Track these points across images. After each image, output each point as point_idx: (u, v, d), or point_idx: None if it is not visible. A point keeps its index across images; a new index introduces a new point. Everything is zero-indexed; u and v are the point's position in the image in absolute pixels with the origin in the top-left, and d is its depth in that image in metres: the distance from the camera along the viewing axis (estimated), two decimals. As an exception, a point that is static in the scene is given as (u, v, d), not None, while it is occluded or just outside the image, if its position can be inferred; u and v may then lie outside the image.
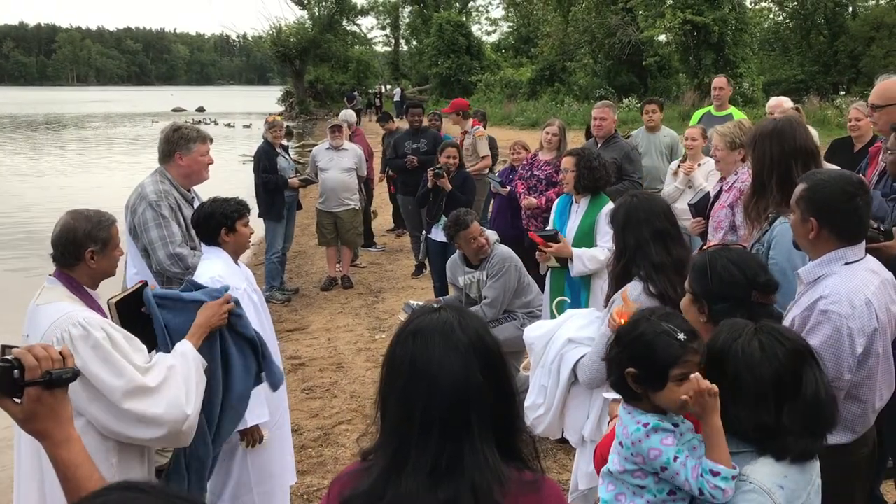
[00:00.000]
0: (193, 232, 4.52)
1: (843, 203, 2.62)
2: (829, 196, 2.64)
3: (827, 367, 2.53)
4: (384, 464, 1.59)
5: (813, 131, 5.18)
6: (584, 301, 5.16)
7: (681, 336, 2.09)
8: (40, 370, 1.72)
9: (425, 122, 10.15)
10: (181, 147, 4.52)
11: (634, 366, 2.12)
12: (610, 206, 3.66)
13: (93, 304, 3.05)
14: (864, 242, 2.72)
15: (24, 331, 3.00)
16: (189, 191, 4.63)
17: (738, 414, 1.93)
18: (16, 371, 1.70)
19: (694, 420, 2.13)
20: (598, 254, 5.09)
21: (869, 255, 2.75)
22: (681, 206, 6.41)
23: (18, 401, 1.73)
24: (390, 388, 1.64)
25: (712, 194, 5.28)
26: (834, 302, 2.56)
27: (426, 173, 7.87)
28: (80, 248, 3.01)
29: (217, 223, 3.84)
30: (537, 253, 5.36)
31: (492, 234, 5.75)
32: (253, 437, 3.75)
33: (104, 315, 3.05)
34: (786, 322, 2.71)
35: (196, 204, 4.64)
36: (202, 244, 3.98)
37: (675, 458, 2.07)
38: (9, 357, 1.72)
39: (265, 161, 8.72)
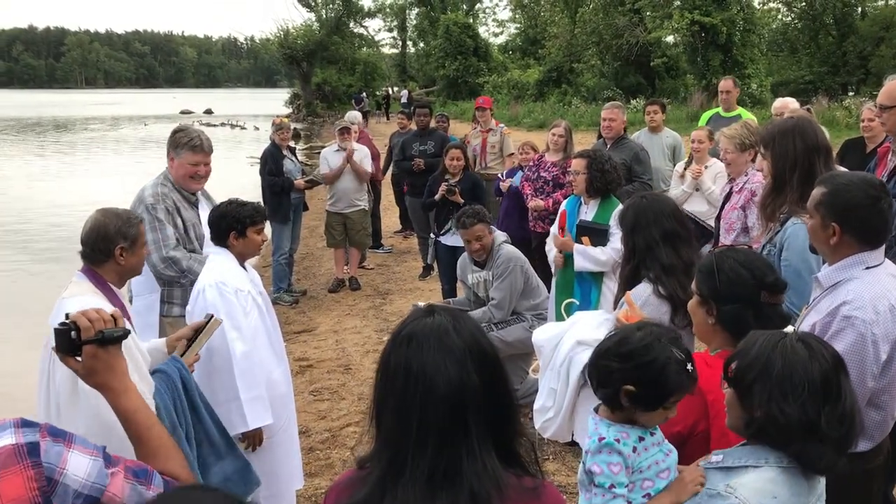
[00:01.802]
0: (193, 234, 4.51)
1: (867, 207, 2.55)
2: (851, 200, 2.57)
3: (851, 374, 2.49)
4: (380, 472, 1.56)
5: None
6: (594, 301, 5.13)
7: (689, 367, 2.08)
8: (93, 330, 1.92)
9: (432, 124, 10.12)
10: (172, 149, 4.50)
11: (637, 386, 2.08)
12: (620, 208, 3.64)
13: (116, 301, 3.06)
14: (883, 246, 2.65)
15: (51, 322, 3.00)
16: (194, 193, 4.61)
17: (786, 410, 1.86)
18: (73, 332, 1.92)
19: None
20: (598, 254, 5.07)
21: (888, 260, 2.68)
22: (689, 209, 6.38)
23: (79, 359, 1.94)
24: (385, 395, 1.61)
25: (721, 197, 5.24)
26: (858, 307, 2.51)
27: (431, 178, 7.87)
28: (110, 245, 3.06)
29: (227, 226, 3.82)
30: (554, 237, 5.35)
31: (500, 235, 5.73)
32: (255, 439, 3.73)
33: (127, 316, 3.07)
34: (803, 327, 2.66)
35: (201, 205, 4.62)
36: (212, 244, 3.96)
37: (611, 487, 2.05)
38: (66, 321, 1.94)
39: (271, 163, 8.73)
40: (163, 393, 3.02)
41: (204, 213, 4.56)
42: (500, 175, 8.15)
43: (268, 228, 8.27)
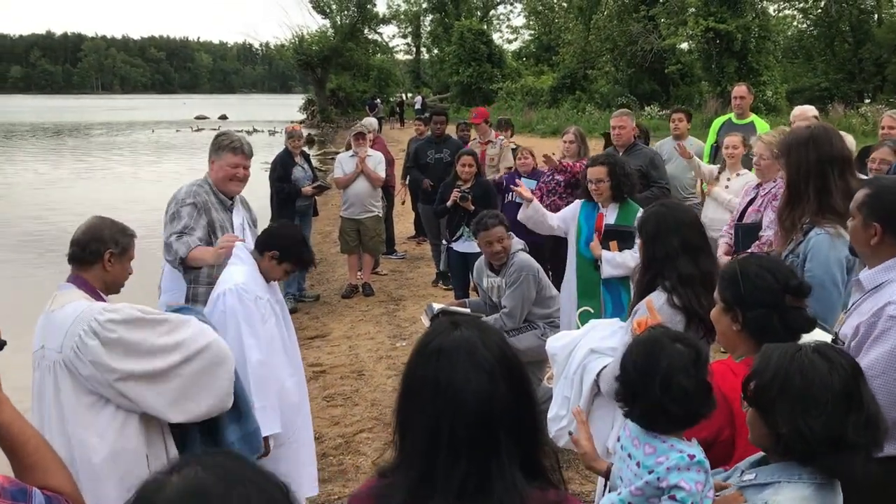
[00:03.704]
0: (220, 235, 4.49)
1: None
2: (894, 201, 2.61)
3: (895, 375, 2.48)
4: (408, 489, 1.53)
5: (850, 139, 5.12)
6: (626, 301, 5.09)
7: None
8: None
9: (454, 132, 10.00)
10: (213, 153, 4.55)
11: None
12: (640, 214, 3.60)
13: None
14: None
15: (35, 343, 3.00)
16: (231, 198, 4.61)
17: (811, 425, 1.84)
18: None
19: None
20: (628, 260, 5.04)
21: None
22: (709, 216, 6.35)
23: None
24: (412, 410, 1.59)
25: (745, 200, 5.22)
26: None
27: (443, 185, 7.86)
28: (101, 246, 3.08)
29: (276, 246, 3.85)
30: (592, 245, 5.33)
31: (517, 243, 5.71)
32: (266, 445, 3.72)
33: None
34: (847, 331, 2.67)
35: (236, 211, 4.63)
36: (241, 247, 3.97)
37: None
38: None
39: (280, 170, 8.80)
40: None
41: (237, 217, 4.59)
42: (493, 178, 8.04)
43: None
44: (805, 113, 6.75)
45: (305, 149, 9.85)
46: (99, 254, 3.08)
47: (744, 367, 2.27)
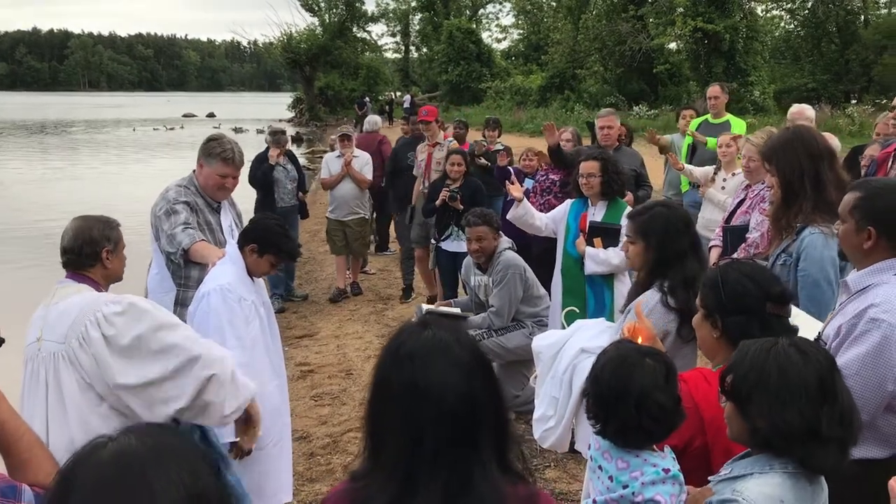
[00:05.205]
0: (211, 238, 4.44)
1: None
2: (889, 204, 2.59)
3: (871, 376, 2.48)
4: (392, 494, 1.52)
5: (835, 140, 5.14)
6: (608, 303, 5.09)
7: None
8: None
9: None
10: (204, 156, 4.47)
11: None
12: (637, 214, 3.58)
13: None
14: None
15: (30, 336, 2.94)
16: (217, 201, 4.57)
17: (787, 417, 1.86)
18: None
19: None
20: (612, 258, 5.04)
21: None
22: (705, 216, 6.35)
23: None
24: (389, 414, 1.57)
25: (734, 203, 5.23)
26: (886, 311, 2.50)
27: (431, 184, 7.84)
28: (96, 247, 3.06)
29: (255, 238, 3.78)
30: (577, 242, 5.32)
31: (504, 241, 5.72)
32: (241, 450, 3.65)
33: None
34: (830, 331, 2.66)
35: (223, 213, 4.58)
36: (231, 244, 3.93)
37: None
38: None
39: (260, 173, 8.77)
40: None
41: (226, 219, 4.55)
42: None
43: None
44: (803, 112, 6.71)
45: (294, 147, 9.79)
46: (96, 255, 3.06)
47: (719, 375, 2.28)
